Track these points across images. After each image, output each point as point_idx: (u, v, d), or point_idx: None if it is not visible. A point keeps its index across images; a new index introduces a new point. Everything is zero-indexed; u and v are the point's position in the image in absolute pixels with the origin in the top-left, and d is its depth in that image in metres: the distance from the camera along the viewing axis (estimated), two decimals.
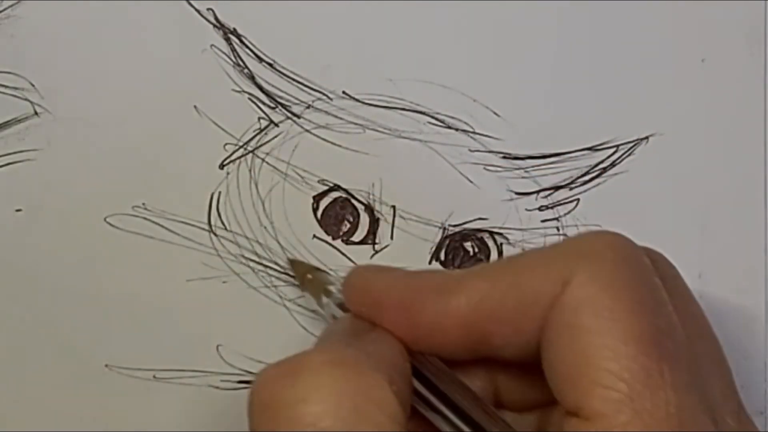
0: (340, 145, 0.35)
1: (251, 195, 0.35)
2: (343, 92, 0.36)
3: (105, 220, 0.34)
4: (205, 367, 0.34)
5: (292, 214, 0.35)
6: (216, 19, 0.35)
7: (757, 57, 0.37)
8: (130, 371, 0.34)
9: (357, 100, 0.36)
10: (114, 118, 0.35)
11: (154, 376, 0.34)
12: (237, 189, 0.35)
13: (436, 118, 0.36)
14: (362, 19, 0.36)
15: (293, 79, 0.35)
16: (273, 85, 0.35)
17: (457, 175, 0.36)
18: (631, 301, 0.25)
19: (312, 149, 0.35)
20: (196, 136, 0.35)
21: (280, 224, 0.35)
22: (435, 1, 0.36)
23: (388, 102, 0.36)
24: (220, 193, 0.35)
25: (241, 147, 0.35)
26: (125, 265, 0.34)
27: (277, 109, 0.35)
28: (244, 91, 0.35)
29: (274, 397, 0.23)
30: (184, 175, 0.35)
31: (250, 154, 0.35)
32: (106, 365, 0.34)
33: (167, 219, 0.34)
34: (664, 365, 0.24)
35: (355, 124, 0.35)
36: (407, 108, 0.36)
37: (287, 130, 0.35)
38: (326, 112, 0.35)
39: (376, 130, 0.36)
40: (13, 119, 0.34)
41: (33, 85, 0.34)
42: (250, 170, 0.35)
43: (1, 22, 0.34)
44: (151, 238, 0.34)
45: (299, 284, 0.34)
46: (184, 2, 0.35)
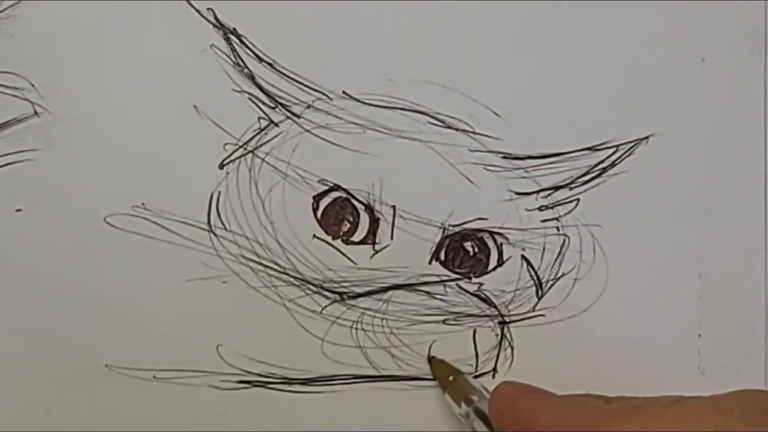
0: (340, 145, 0.35)
1: (251, 195, 0.35)
2: (343, 92, 0.35)
3: (105, 220, 0.34)
4: (205, 367, 0.34)
5: (292, 214, 0.35)
6: (216, 19, 0.35)
7: (757, 57, 0.37)
8: (130, 371, 0.34)
9: (357, 100, 0.36)
10: (114, 118, 0.35)
11: (154, 376, 0.34)
12: (237, 189, 0.35)
13: (436, 118, 0.36)
14: (362, 19, 0.36)
15: (293, 79, 0.35)
16: (273, 85, 0.35)
17: (457, 175, 0.36)
18: None
19: (312, 149, 0.35)
20: (196, 136, 0.35)
21: (280, 224, 0.35)
22: (435, 1, 0.36)
23: (388, 102, 0.36)
24: (219, 192, 0.35)
25: (240, 147, 0.35)
26: (125, 265, 0.34)
27: (277, 109, 0.35)
28: (244, 91, 0.35)
29: None
30: (184, 175, 0.35)
31: (250, 154, 0.35)
32: (106, 365, 0.34)
33: (167, 219, 0.34)
34: None
35: (355, 124, 0.35)
36: (407, 108, 0.36)
37: (287, 130, 0.35)
38: (326, 112, 0.35)
39: (376, 130, 0.36)
40: (13, 119, 0.34)
41: (33, 85, 0.34)
42: (250, 170, 0.35)
43: (1, 22, 0.35)
44: (151, 238, 0.34)
45: (440, 385, 0.35)
46: (184, 2, 0.35)
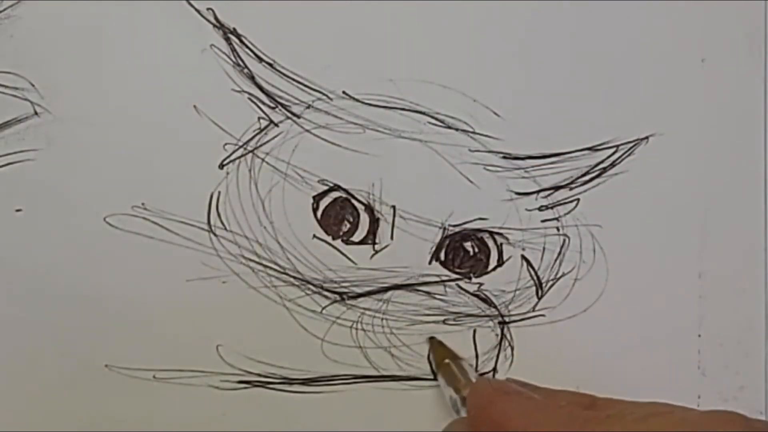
0: (340, 145, 0.35)
1: (251, 195, 0.35)
2: (343, 92, 0.35)
3: (105, 220, 0.34)
4: (205, 367, 0.34)
5: (292, 214, 0.35)
6: (216, 19, 0.35)
7: (757, 57, 0.37)
8: (130, 371, 0.34)
9: (357, 100, 0.35)
10: (114, 118, 0.35)
11: (154, 376, 0.34)
12: (237, 189, 0.35)
13: (436, 118, 0.36)
14: (362, 19, 0.36)
15: (293, 79, 0.35)
16: (273, 85, 0.35)
17: (457, 175, 0.36)
18: None
19: (312, 149, 0.35)
20: (196, 136, 0.35)
21: (280, 224, 0.35)
22: (435, 1, 0.36)
23: (388, 102, 0.36)
24: (219, 192, 0.35)
25: (240, 147, 0.35)
26: (125, 265, 0.34)
27: (277, 109, 0.35)
28: (244, 91, 0.35)
29: None
30: (184, 175, 0.35)
31: (250, 154, 0.35)
32: (106, 365, 0.34)
33: (167, 219, 0.34)
34: None
35: (355, 124, 0.35)
36: (407, 108, 0.36)
37: (287, 130, 0.35)
38: (326, 112, 0.35)
39: (376, 130, 0.36)
40: (13, 119, 0.34)
41: (33, 85, 0.34)
42: (250, 170, 0.35)
43: (1, 22, 0.35)
44: (151, 238, 0.34)
45: (433, 365, 0.34)
46: (184, 2, 0.35)
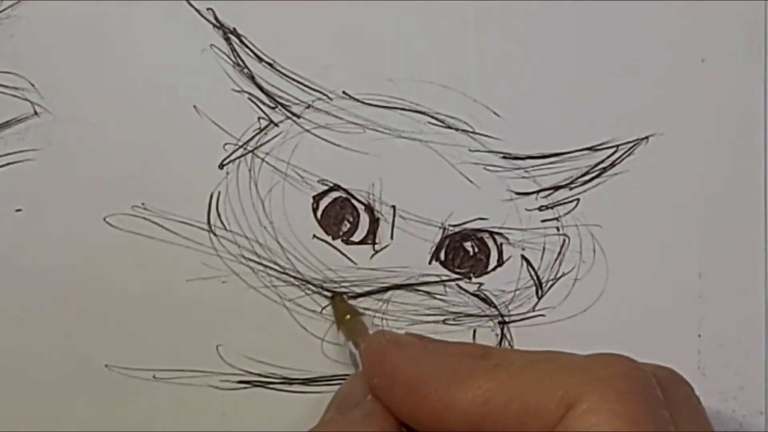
0: (340, 145, 0.35)
1: (251, 195, 0.35)
2: (343, 92, 0.35)
3: (104, 220, 0.34)
4: (205, 367, 0.34)
5: (292, 214, 0.35)
6: (216, 19, 0.35)
7: (757, 57, 0.37)
8: (130, 371, 0.34)
9: (357, 100, 0.35)
10: (114, 118, 0.35)
11: (154, 376, 0.34)
12: (237, 189, 0.35)
13: (436, 118, 0.36)
14: (362, 19, 0.36)
15: (293, 79, 0.35)
16: (273, 85, 0.35)
17: (457, 175, 0.36)
18: None
19: (312, 149, 0.35)
20: (196, 136, 0.35)
21: (280, 224, 0.35)
22: (435, 1, 0.36)
23: (388, 102, 0.36)
24: (219, 192, 0.35)
25: (240, 147, 0.35)
26: (125, 265, 0.34)
27: (277, 109, 0.35)
28: (243, 91, 0.35)
29: None
30: (184, 175, 0.35)
31: (250, 154, 0.35)
32: (106, 365, 0.34)
33: (167, 219, 0.34)
34: None
35: (355, 124, 0.35)
36: (407, 108, 0.36)
37: (287, 130, 0.35)
38: (326, 112, 0.35)
39: (376, 130, 0.36)
40: (13, 119, 0.34)
41: (33, 85, 0.34)
42: (250, 170, 0.35)
43: (1, 22, 0.34)
44: (151, 238, 0.34)
45: (335, 320, 0.34)
46: (184, 2, 0.35)
